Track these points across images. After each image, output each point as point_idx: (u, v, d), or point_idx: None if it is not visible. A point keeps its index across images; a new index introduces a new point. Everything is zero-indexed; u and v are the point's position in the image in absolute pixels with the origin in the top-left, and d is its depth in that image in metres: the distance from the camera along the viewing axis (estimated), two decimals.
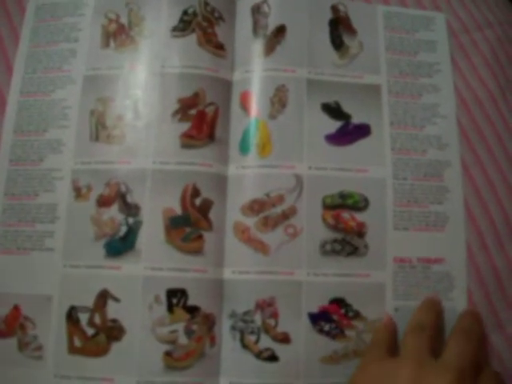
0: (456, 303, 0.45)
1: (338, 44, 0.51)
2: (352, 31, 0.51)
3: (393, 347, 0.42)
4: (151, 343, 0.43)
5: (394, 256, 0.46)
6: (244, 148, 0.47)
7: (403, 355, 0.39)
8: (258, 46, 0.49)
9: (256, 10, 0.50)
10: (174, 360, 0.42)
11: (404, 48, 0.52)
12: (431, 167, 0.48)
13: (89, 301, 0.44)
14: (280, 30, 0.50)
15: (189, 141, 0.46)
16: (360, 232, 0.46)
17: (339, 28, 0.51)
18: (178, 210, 0.45)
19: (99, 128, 0.47)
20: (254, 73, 0.48)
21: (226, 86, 0.49)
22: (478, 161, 0.49)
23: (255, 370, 0.43)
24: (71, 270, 0.44)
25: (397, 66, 0.51)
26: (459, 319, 0.43)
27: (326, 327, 0.44)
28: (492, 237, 0.47)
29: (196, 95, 0.47)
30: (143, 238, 0.44)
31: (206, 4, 0.50)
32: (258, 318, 0.44)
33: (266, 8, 0.50)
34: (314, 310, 0.44)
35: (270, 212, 0.46)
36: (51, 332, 0.43)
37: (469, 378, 0.36)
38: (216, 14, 0.50)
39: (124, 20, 0.50)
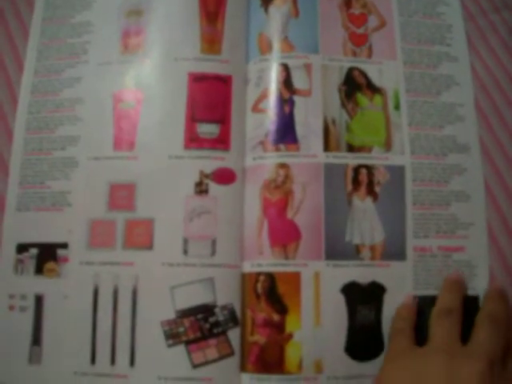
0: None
1: None
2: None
3: (414, 332, 0.42)
4: None
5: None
6: None
7: (433, 345, 0.39)
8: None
9: None
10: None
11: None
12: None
13: None
14: None
15: None
16: None
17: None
18: None
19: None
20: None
21: None
22: (498, 143, 0.48)
23: None
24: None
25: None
26: (485, 302, 0.42)
27: None
28: None
29: None
30: None
31: None
32: None
33: None
34: None
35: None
36: None
37: (498, 364, 0.36)
38: None
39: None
